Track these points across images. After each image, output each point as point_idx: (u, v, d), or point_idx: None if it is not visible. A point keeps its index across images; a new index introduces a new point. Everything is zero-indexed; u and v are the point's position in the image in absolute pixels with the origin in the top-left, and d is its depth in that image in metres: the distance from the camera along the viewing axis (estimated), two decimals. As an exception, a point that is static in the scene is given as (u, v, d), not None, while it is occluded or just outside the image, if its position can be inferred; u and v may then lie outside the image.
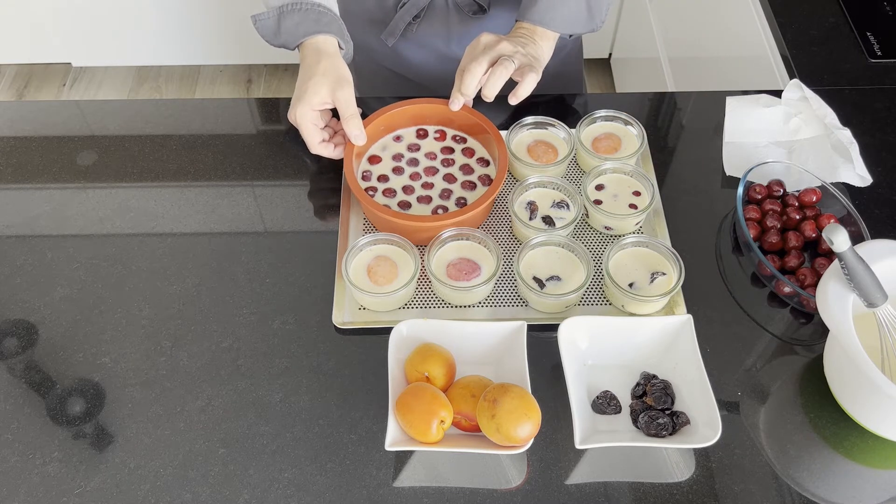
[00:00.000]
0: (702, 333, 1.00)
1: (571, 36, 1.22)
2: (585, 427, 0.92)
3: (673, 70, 2.16)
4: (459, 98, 1.15)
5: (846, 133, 1.19)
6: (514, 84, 1.14)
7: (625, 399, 0.98)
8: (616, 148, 1.20)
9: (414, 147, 1.20)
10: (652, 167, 1.21)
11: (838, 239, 0.89)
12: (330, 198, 1.18)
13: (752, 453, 0.95)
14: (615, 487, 0.93)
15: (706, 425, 0.92)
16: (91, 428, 0.97)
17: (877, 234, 1.10)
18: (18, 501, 0.91)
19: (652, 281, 1.05)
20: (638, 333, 1.00)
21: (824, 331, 1.03)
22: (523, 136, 1.21)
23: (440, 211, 1.13)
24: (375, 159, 1.18)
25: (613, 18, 2.67)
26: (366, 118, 1.16)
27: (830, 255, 1.09)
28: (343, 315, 1.05)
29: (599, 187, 1.15)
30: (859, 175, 1.17)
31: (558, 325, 0.98)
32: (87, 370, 1.01)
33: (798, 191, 1.16)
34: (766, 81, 1.49)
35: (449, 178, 1.17)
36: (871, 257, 0.92)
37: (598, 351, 1.00)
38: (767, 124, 1.24)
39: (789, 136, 1.23)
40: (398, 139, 1.21)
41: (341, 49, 1.18)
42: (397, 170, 1.17)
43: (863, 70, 1.34)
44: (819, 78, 1.33)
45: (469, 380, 0.95)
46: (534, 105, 1.27)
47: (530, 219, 1.11)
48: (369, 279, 1.05)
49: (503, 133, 1.18)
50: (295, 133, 1.22)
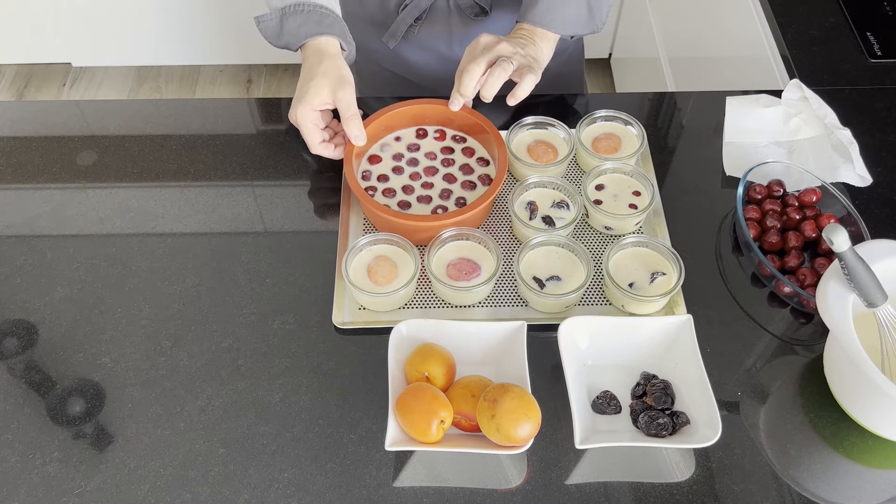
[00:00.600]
0: (702, 333, 1.00)
1: (573, 37, 1.22)
2: (585, 427, 0.92)
3: (673, 70, 2.16)
4: (458, 99, 1.15)
5: (846, 133, 1.19)
6: (514, 85, 1.14)
7: (625, 399, 0.98)
8: (616, 148, 1.20)
9: (414, 147, 1.20)
10: (652, 167, 1.21)
11: (838, 239, 0.89)
12: (330, 198, 1.18)
13: (752, 453, 0.95)
14: (615, 487, 0.93)
15: (706, 425, 0.92)
16: (91, 428, 0.97)
17: (877, 234, 1.10)
18: (18, 501, 0.91)
19: (652, 281, 1.05)
20: (638, 333, 1.00)
21: (824, 331, 1.03)
22: (523, 137, 1.21)
23: (440, 211, 1.13)
24: (375, 159, 1.18)
25: (614, 18, 2.67)
26: (366, 118, 1.16)
27: (830, 255, 1.10)
28: (343, 315, 1.05)
29: (599, 187, 1.15)
30: (859, 175, 1.17)
31: (558, 325, 0.98)
32: (87, 370, 1.01)
33: (798, 191, 1.16)
34: (767, 81, 1.49)
35: (449, 178, 1.17)
36: (871, 257, 0.92)
37: (598, 351, 1.00)
38: (768, 124, 1.24)
39: (789, 137, 1.23)
40: (398, 139, 1.21)
41: (343, 50, 1.18)
42: (397, 169, 1.17)
43: (863, 70, 1.34)
44: (819, 78, 1.33)
45: (469, 380, 0.95)
46: (534, 105, 1.27)
47: (530, 219, 1.11)
48: (369, 279, 1.05)
49: (503, 133, 1.18)
50: (295, 133, 1.22)
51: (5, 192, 1.19)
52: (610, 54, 2.83)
